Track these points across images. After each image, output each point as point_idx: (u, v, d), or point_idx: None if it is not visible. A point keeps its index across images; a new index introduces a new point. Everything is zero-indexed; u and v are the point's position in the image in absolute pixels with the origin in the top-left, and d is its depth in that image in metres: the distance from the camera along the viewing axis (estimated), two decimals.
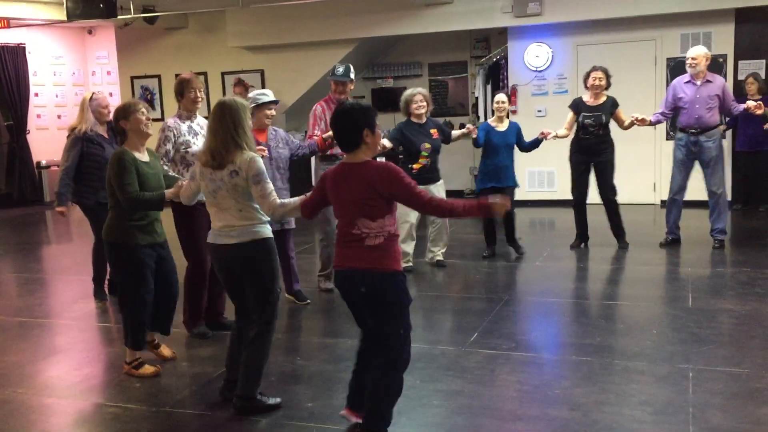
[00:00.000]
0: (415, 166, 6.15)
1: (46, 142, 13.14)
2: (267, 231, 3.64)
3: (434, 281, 6.35)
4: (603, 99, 6.84)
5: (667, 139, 9.58)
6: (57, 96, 13.58)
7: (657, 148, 9.60)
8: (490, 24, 9.89)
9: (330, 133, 5.45)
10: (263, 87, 11.32)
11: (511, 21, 9.68)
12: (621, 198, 7.21)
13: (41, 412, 3.88)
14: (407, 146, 6.16)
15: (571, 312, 5.42)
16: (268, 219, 3.64)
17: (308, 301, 5.66)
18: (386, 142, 5.79)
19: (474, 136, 6.58)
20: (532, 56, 9.98)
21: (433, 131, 6.31)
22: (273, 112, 5.16)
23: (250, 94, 5.20)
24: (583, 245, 7.24)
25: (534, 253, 7.13)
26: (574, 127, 6.99)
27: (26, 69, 12.71)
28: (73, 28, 13.37)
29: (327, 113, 5.76)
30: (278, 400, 3.72)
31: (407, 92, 6.31)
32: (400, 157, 6.22)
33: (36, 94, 13.13)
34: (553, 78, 9.84)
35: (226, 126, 3.52)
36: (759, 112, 6.72)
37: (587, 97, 6.88)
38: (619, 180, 7.15)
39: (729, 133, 9.13)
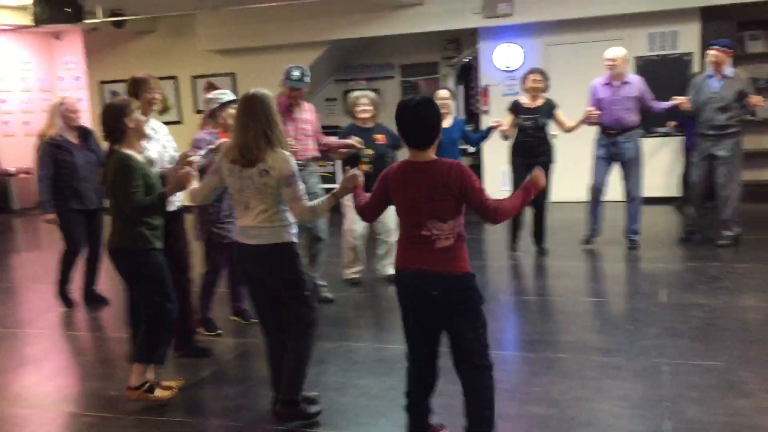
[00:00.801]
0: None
1: (14, 149, 12.90)
2: (292, 235, 3.46)
3: None
4: (541, 101, 6.83)
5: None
6: (24, 102, 13.36)
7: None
8: (461, 25, 9.94)
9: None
10: (234, 91, 11.26)
11: (482, 22, 9.73)
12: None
13: (14, 423, 3.80)
14: (349, 152, 5.87)
15: (546, 309, 5.46)
16: (294, 221, 3.48)
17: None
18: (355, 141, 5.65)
19: None
20: (502, 56, 10.04)
21: (380, 136, 6.01)
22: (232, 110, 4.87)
23: (210, 95, 5.02)
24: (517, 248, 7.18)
25: (506, 252, 7.16)
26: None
27: None
28: (40, 33, 13.17)
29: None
30: (318, 408, 3.60)
31: (354, 94, 6.13)
32: (346, 166, 6.00)
33: (2, 101, 12.90)
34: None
35: (258, 121, 3.32)
36: (687, 106, 6.79)
37: (525, 99, 6.87)
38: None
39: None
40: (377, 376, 4.09)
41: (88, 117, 11.40)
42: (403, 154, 3.27)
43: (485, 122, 9.81)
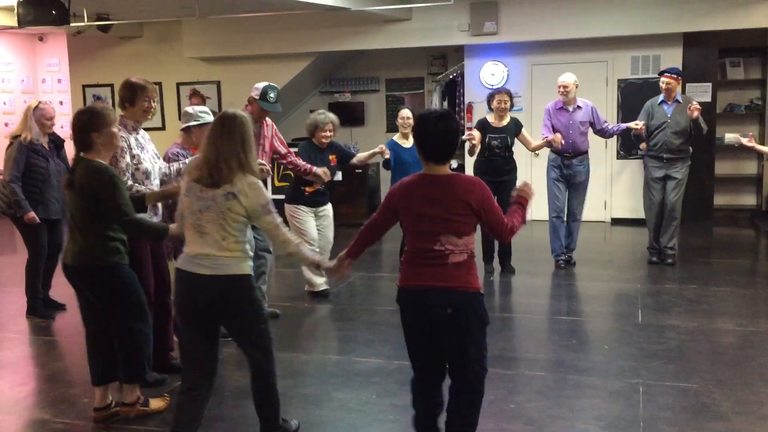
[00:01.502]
0: (308, 189, 5.96)
1: None
2: (248, 267, 3.19)
3: (388, 297, 6.34)
4: (507, 121, 6.93)
5: (617, 158, 9.83)
6: (5, 103, 13.21)
7: (608, 167, 9.81)
8: (447, 42, 10.01)
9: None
10: (219, 99, 11.23)
11: (468, 39, 9.82)
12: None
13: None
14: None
15: (524, 327, 5.48)
16: (251, 255, 3.26)
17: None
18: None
19: (387, 156, 6.38)
20: (487, 74, 10.12)
21: (332, 157, 6.12)
22: None
23: (189, 109, 4.81)
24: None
25: (481, 269, 7.18)
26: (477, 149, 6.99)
27: None
28: (23, 35, 13.07)
29: None
30: (296, 423, 3.54)
31: (319, 117, 5.99)
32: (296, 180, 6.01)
33: None
34: None
35: (234, 141, 3.11)
36: (641, 131, 7.04)
37: (492, 119, 6.95)
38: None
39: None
40: (354, 390, 4.08)
41: (69, 121, 11.29)
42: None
43: None
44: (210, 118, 4.70)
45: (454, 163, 9.73)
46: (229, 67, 11.01)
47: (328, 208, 6.22)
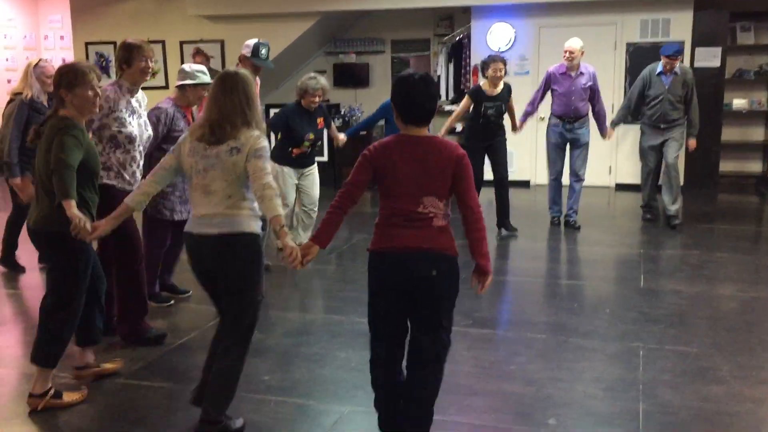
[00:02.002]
0: (295, 150, 5.96)
1: None
2: (256, 226, 3.10)
3: None
4: (500, 88, 6.92)
5: (624, 122, 9.74)
6: (7, 60, 13.12)
7: (614, 133, 9.72)
8: (454, 2, 9.88)
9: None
10: (223, 58, 11.13)
11: (476, 0, 9.68)
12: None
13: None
14: (292, 132, 5.92)
15: (527, 290, 5.50)
16: (259, 214, 3.13)
17: (189, 292, 5.14)
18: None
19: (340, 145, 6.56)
20: (495, 36, 10.00)
21: (320, 120, 6.12)
22: (207, 93, 4.52)
23: (186, 67, 4.74)
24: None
25: (490, 233, 7.20)
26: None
27: None
28: None
29: None
30: (242, 421, 3.20)
31: (310, 81, 5.89)
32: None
33: None
34: (515, 59, 9.87)
35: (237, 98, 3.04)
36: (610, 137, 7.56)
37: (486, 87, 6.91)
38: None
39: None
40: (357, 350, 4.11)
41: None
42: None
43: None
44: (206, 78, 4.68)
45: (459, 126, 9.69)
46: (233, 25, 10.88)
47: (314, 168, 6.27)
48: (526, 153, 10.02)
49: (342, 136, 6.52)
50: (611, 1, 9.33)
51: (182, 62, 11.23)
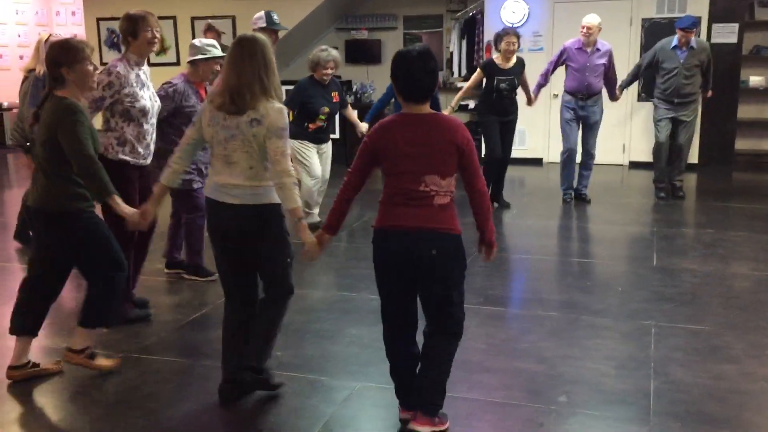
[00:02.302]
0: (311, 125, 6.03)
1: (8, 83, 12.71)
2: (277, 197, 3.10)
3: None
4: (513, 62, 6.91)
5: (638, 101, 9.65)
6: (19, 36, 13.13)
7: (627, 110, 9.65)
8: None
9: None
10: (234, 34, 11.06)
11: None
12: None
13: (6, 355, 3.82)
14: (306, 106, 5.96)
15: (539, 268, 5.49)
16: None
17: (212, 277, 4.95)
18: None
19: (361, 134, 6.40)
20: (508, 12, 9.89)
21: (334, 94, 6.16)
22: (219, 67, 4.65)
23: (197, 42, 4.71)
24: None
25: (502, 210, 7.18)
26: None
27: None
28: None
29: None
30: (281, 381, 3.34)
31: (322, 54, 5.95)
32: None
33: None
34: (529, 35, 9.76)
35: (256, 65, 2.98)
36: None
37: (499, 60, 6.90)
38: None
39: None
40: (369, 326, 4.12)
41: None
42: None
43: None
44: (217, 52, 4.69)
45: (471, 103, 9.62)
46: (244, 1, 10.80)
47: (329, 146, 6.34)
48: (539, 131, 9.95)
49: (363, 126, 6.49)
50: None
51: (193, 38, 11.18)
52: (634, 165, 9.66)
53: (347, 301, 4.64)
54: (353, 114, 6.62)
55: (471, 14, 10.32)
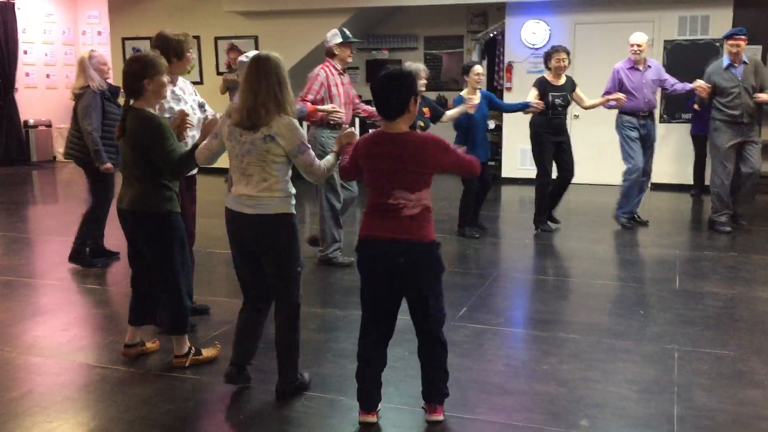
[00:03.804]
0: None
1: (35, 101, 12.96)
2: (291, 206, 3.34)
3: None
4: (563, 79, 6.92)
5: (660, 122, 9.59)
6: (46, 54, 13.37)
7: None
8: None
9: (330, 106, 5.56)
10: None
11: None
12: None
13: (28, 371, 3.86)
14: None
15: (559, 290, 5.45)
16: (294, 193, 3.38)
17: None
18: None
19: (473, 111, 6.52)
20: (529, 33, 9.92)
21: (426, 110, 6.37)
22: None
23: (243, 59, 4.75)
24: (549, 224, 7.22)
25: (523, 231, 7.15)
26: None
27: (15, 26, 12.50)
28: None
29: (331, 79, 5.65)
30: (308, 375, 3.63)
31: (412, 67, 6.10)
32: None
33: (25, 52, 12.93)
34: None
35: (271, 83, 3.19)
36: (705, 92, 6.86)
37: (550, 77, 6.91)
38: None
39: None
40: (388, 347, 4.10)
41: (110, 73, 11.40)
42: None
43: (507, 99, 9.72)
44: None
45: (491, 124, 9.62)
46: (266, 21, 10.96)
47: None
48: None
49: (455, 111, 6.61)
50: None
51: (217, 58, 11.33)
52: (657, 187, 9.57)
53: None
54: (449, 112, 6.69)
55: (492, 35, 10.36)
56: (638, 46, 6.94)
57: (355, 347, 4.09)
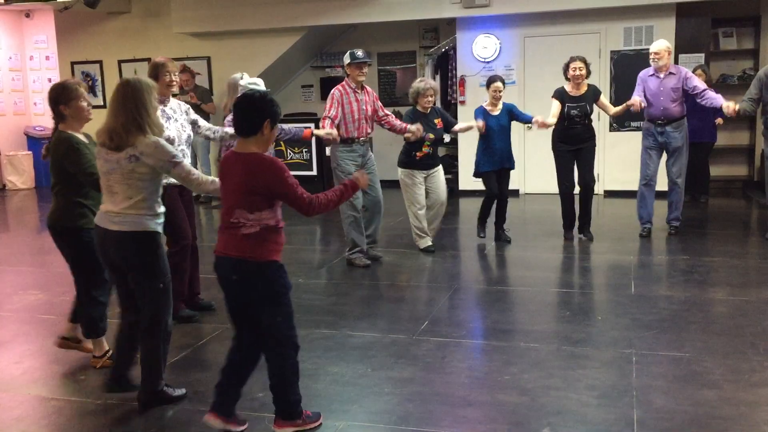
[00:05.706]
0: (418, 153, 6.57)
1: None
2: (154, 225, 3.50)
3: (384, 270, 6.37)
4: (585, 89, 6.90)
5: (610, 131, 9.80)
6: None
7: (601, 139, 9.73)
8: (439, 14, 9.93)
9: (324, 132, 5.97)
10: (210, 75, 11.13)
11: (460, 11, 9.74)
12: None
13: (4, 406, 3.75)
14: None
15: (519, 300, 5.51)
16: (160, 212, 3.54)
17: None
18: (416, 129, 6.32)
19: (483, 132, 6.79)
20: (480, 47, 10.06)
21: (437, 121, 6.69)
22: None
23: (241, 83, 5.39)
24: (573, 234, 7.25)
25: (482, 242, 7.21)
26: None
27: None
28: (9, 11, 12.90)
29: (345, 97, 6.18)
30: (183, 391, 3.73)
31: (419, 85, 6.61)
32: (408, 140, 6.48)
33: None
34: (501, 69, 9.93)
35: (129, 107, 3.38)
36: (733, 113, 6.78)
37: (569, 87, 6.90)
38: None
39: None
40: (349, 363, 4.10)
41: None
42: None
43: (461, 113, 9.84)
44: (261, 88, 5.10)
45: (446, 138, 9.69)
46: (218, 42, 10.92)
47: (439, 169, 6.81)
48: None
49: (478, 123, 6.82)
50: (594, 10, 9.42)
51: None
52: (609, 194, 9.78)
53: (327, 338, 4.61)
54: (456, 127, 6.97)
55: (444, 50, 10.48)
56: (656, 53, 6.92)
57: (317, 365, 4.12)
